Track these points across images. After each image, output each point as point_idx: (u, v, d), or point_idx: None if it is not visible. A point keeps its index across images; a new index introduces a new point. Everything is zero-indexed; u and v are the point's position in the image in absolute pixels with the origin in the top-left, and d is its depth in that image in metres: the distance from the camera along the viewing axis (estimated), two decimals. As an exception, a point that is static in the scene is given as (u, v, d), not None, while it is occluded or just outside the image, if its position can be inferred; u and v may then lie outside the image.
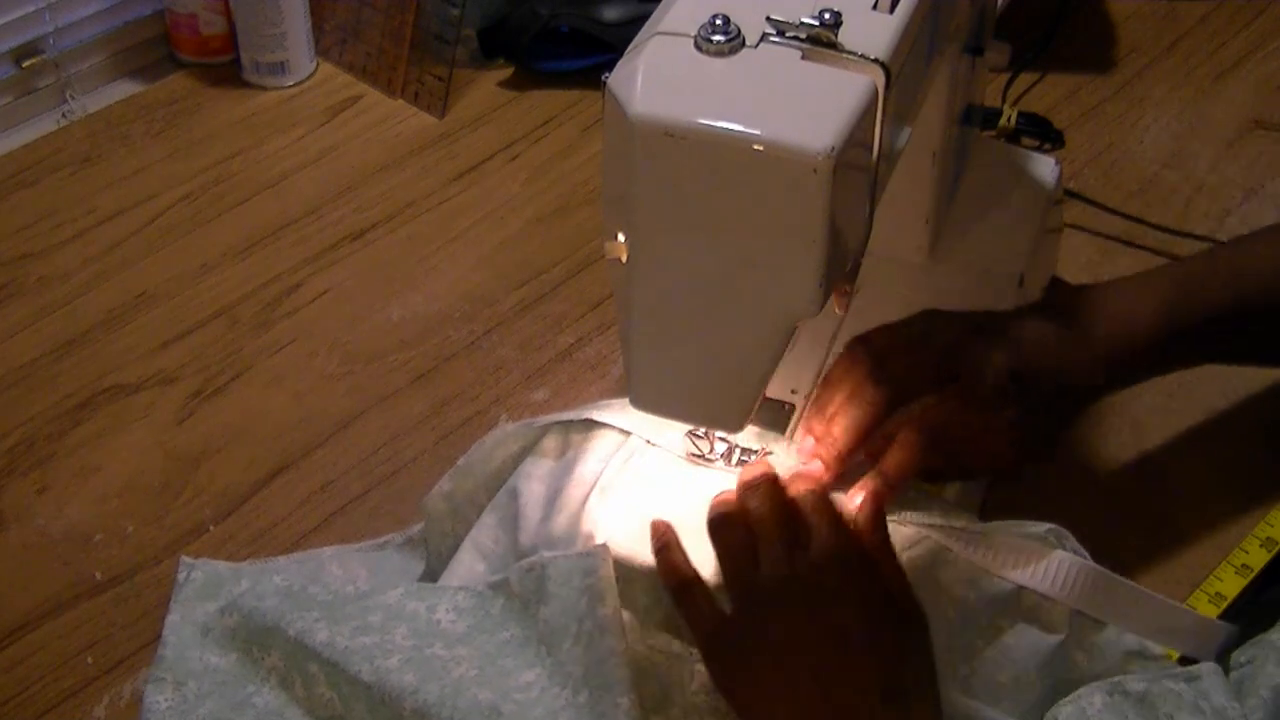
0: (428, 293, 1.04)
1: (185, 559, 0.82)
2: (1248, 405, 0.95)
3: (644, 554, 0.74)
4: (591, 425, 0.81)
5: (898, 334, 0.80)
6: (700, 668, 0.73)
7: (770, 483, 0.75)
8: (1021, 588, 0.75)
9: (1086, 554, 0.76)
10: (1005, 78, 1.16)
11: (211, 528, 0.88)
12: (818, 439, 0.78)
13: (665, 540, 0.74)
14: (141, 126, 1.19)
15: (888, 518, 0.75)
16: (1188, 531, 0.87)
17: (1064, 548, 0.76)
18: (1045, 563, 0.75)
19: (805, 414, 0.81)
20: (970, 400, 0.77)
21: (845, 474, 0.77)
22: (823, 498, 0.75)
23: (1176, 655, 0.75)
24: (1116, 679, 0.72)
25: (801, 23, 0.63)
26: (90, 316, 1.02)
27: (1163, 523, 0.87)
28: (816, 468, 0.77)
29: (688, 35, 0.63)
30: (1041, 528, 0.76)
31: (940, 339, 0.79)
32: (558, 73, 1.23)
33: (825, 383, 0.79)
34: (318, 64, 1.25)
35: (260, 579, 0.80)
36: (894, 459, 0.76)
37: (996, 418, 0.77)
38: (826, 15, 0.63)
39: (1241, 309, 0.82)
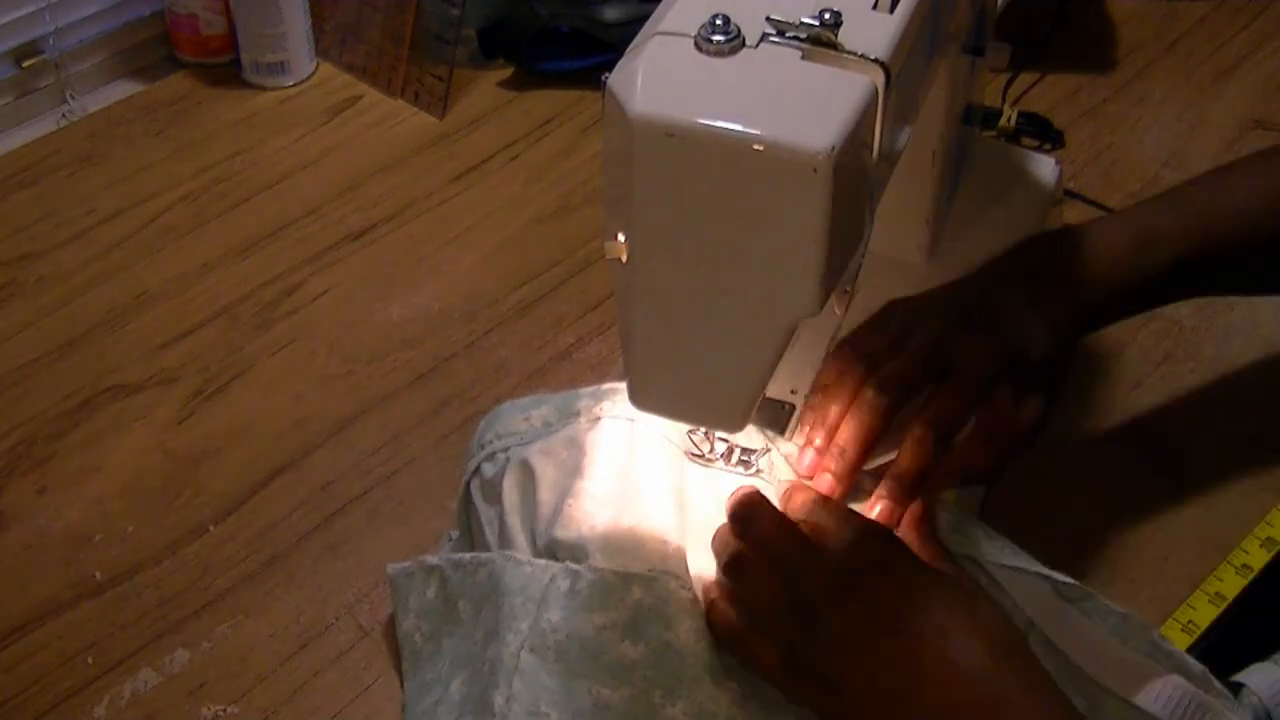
0: (428, 293, 1.04)
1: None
2: (1248, 405, 0.95)
3: (636, 556, 0.74)
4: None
5: (882, 333, 0.80)
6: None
7: (757, 503, 0.74)
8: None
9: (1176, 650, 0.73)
10: (1005, 78, 1.16)
11: (211, 528, 0.88)
12: (820, 452, 0.77)
13: (710, 595, 0.73)
14: (141, 126, 1.19)
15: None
16: (1188, 531, 0.87)
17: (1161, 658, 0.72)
18: (1156, 685, 0.71)
19: (800, 425, 0.80)
20: (967, 392, 0.77)
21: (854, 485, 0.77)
22: (819, 497, 0.75)
23: None
24: None
25: (801, 23, 0.63)
26: (90, 316, 1.02)
27: (1163, 522, 0.87)
28: (826, 482, 0.77)
29: (688, 35, 0.63)
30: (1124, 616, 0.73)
31: (926, 336, 0.78)
32: (558, 73, 1.23)
33: (820, 391, 0.79)
34: (318, 64, 1.25)
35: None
36: (906, 461, 0.76)
37: (996, 402, 0.77)
38: (826, 15, 0.63)
39: (1210, 251, 0.82)
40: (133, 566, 0.86)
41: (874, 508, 0.76)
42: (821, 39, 0.63)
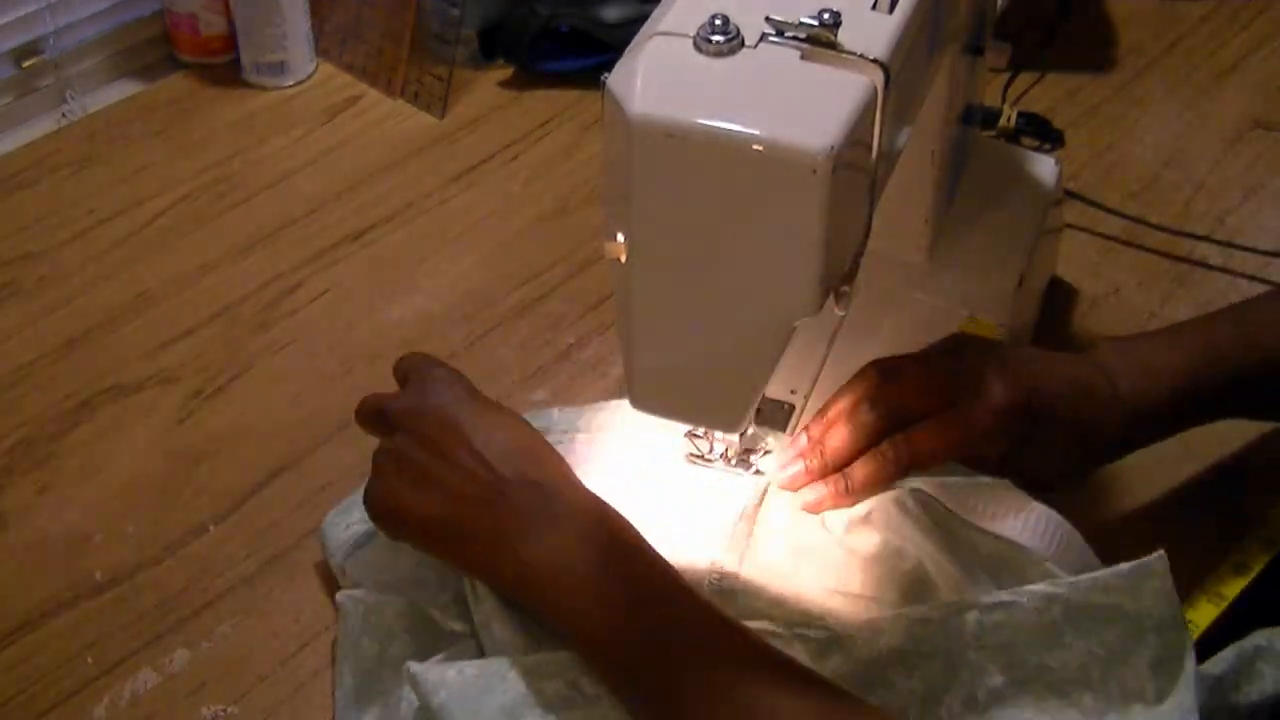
0: (428, 293, 1.04)
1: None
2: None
3: None
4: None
5: (917, 355, 0.80)
6: None
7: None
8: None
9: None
10: (1005, 78, 1.16)
11: (211, 528, 0.88)
12: (811, 443, 0.78)
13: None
14: (141, 126, 1.19)
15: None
16: (1188, 531, 0.87)
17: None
18: (1027, 515, 0.75)
19: (808, 418, 0.81)
20: (965, 431, 0.76)
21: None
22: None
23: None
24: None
25: (801, 23, 0.63)
26: (90, 316, 1.02)
27: (1162, 522, 0.87)
28: (798, 469, 0.78)
29: (687, 35, 0.63)
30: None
31: (950, 363, 0.78)
32: (558, 73, 1.23)
33: (836, 394, 0.80)
34: (318, 64, 1.25)
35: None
36: (864, 472, 0.77)
37: (987, 450, 0.77)
38: (826, 15, 0.63)
39: (1268, 370, 0.82)
40: (133, 566, 0.86)
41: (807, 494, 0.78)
42: (821, 39, 0.63)
